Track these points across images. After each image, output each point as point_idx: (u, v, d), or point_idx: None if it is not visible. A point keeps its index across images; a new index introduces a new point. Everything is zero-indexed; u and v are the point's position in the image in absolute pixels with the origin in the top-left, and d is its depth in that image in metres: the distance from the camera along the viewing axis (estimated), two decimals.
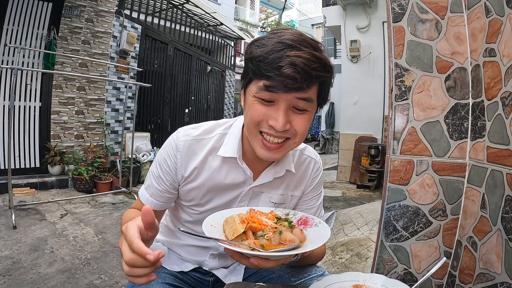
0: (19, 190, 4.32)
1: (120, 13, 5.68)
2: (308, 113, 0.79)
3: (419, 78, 1.23)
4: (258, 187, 0.95)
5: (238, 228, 0.72)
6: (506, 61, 1.00)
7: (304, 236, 0.77)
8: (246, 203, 0.95)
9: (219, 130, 0.94)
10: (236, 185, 0.93)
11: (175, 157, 0.90)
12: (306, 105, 0.77)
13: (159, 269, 1.02)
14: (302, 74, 0.70)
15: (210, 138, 0.92)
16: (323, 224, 0.80)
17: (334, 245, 3.26)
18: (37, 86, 4.96)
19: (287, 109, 0.77)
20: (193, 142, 0.91)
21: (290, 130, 0.79)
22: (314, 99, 0.78)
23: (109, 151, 5.59)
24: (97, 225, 3.52)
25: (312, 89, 0.76)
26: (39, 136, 5.03)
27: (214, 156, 0.91)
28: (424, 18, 1.25)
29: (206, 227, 0.73)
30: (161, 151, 0.94)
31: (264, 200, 0.97)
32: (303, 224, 0.83)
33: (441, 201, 1.20)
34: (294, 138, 0.81)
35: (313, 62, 0.71)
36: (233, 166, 0.92)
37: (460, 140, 1.19)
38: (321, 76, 0.74)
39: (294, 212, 0.88)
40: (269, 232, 0.74)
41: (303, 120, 0.79)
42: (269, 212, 0.84)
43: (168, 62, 7.25)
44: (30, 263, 2.54)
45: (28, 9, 4.79)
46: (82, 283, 2.31)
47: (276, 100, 0.76)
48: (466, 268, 1.11)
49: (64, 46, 5.01)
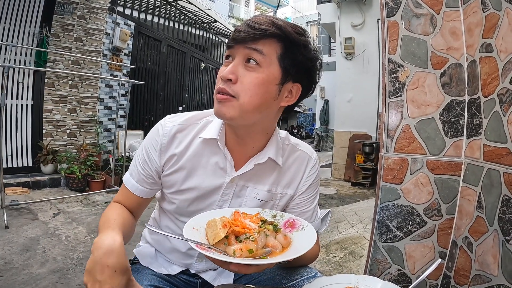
0: (11, 190, 4.25)
1: (113, 10, 5.61)
2: (260, 71, 0.79)
3: (413, 74, 1.20)
4: (242, 180, 0.91)
5: (219, 233, 0.69)
6: (503, 56, 0.97)
7: (289, 241, 0.75)
8: (230, 197, 0.92)
9: (206, 117, 0.93)
10: (216, 172, 0.91)
11: (160, 142, 0.90)
12: (260, 57, 0.79)
13: (146, 270, 1.00)
14: (251, 26, 0.79)
15: (196, 124, 0.92)
16: (310, 228, 0.78)
17: (328, 243, 3.23)
18: (29, 84, 4.89)
19: (240, 63, 0.80)
20: (179, 127, 0.91)
21: (235, 86, 0.79)
22: (269, 54, 0.79)
23: (102, 149, 5.53)
24: (89, 224, 3.48)
25: (267, 44, 0.79)
26: (31, 135, 4.97)
27: (197, 139, 0.91)
28: (419, 12, 1.22)
29: (187, 230, 0.71)
30: (147, 136, 0.94)
31: (249, 196, 0.93)
32: (290, 227, 0.80)
33: (436, 201, 1.18)
34: (238, 98, 0.79)
35: (263, 20, 0.79)
36: (214, 151, 0.90)
37: (455, 138, 1.17)
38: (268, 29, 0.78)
39: (281, 214, 0.85)
40: (254, 233, 0.71)
41: (251, 77, 0.79)
42: (254, 215, 0.81)
43: (162, 60, 7.19)
44: (22, 263, 2.50)
45: (20, 6, 4.71)
46: (74, 283, 2.28)
47: (233, 55, 0.82)
48: (461, 269, 1.09)
49: (56, 44, 4.93)
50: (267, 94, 0.80)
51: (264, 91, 0.79)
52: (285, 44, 0.80)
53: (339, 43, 7.07)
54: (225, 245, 0.69)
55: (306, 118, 24.09)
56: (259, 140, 0.91)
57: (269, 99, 0.81)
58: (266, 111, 0.83)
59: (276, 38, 0.79)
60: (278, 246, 0.71)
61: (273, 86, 0.80)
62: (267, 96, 0.80)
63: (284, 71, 0.81)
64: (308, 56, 0.83)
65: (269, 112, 0.84)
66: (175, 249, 1.00)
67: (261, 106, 0.81)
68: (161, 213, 1.02)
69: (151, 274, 0.99)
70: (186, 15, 8.54)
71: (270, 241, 0.72)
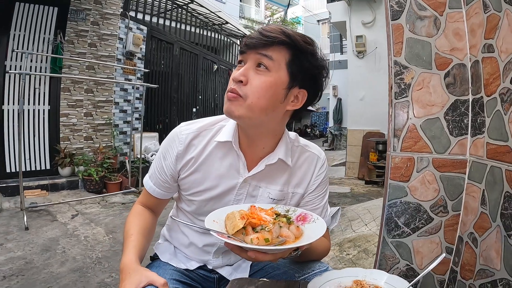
0: (30, 192, 4.38)
1: (126, 15, 5.72)
2: (269, 75, 0.85)
3: (418, 75, 1.23)
4: (255, 180, 0.97)
5: (238, 224, 0.75)
6: (504, 57, 1.00)
7: (301, 232, 0.80)
8: (244, 196, 0.98)
9: (219, 122, 1.00)
10: (230, 173, 0.96)
11: (176, 149, 0.96)
12: (269, 63, 0.85)
13: (167, 266, 1.06)
14: (262, 34, 0.85)
15: (211, 129, 0.99)
16: (320, 221, 0.83)
17: (341, 241, 3.26)
18: (46, 89, 5.03)
19: (251, 67, 0.86)
20: (194, 135, 0.97)
21: (245, 88, 0.85)
22: (278, 60, 0.86)
23: (118, 151, 5.65)
24: (107, 225, 3.58)
25: (276, 51, 0.85)
26: (48, 139, 5.10)
27: (212, 143, 0.97)
28: (423, 15, 1.25)
29: (208, 222, 0.78)
30: (164, 143, 1.01)
31: (262, 195, 0.99)
32: (302, 220, 0.85)
33: (442, 198, 1.21)
34: (246, 99, 0.85)
35: (273, 29, 0.86)
36: (228, 152, 0.96)
37: (460, 136, 1.20)
38: (278, 37, 0.84)
39: (294, 209, 0.91)
40: (269, 225, 0.77)
41: (260, 80, 0.85)
42: (269, 209, 0.87)
43: (175, 62, 7.29)
44: (43, 263, 2.59)
45: (34, 14, 4.84)
46: (94, 281, 2.36)
47: (245, 60, 0.88)
48: (467, 264, 1.12)
49: (70, 50, 5.06)
50: (274, 97, 0.86)
51: (271, 94, 0.85)
52: (293, 51, 0.86)
53: (350, 42, 7.06)
54: (243, 235, 0.75)
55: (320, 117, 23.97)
56: (268, 141, 0.96)
57: (275, 102, 0.87)
58: (272, 113, 0.88)
59: (285, 45, 0.85)
60: (291, 236, 0.77)
61: (280, 90, 0.86)
62: (274, 99, 0.86)
63: (291, 76, 0.86)
64: (315, 64, 0.89)
65: (275, 114, 0.90)
66: (192, 245, 1.06)
67: (268, 108, 0.86)
68: (179, 213, 1.09)
69: (171, 269, 1.05)
70: (197, 18, 8.62)
71: (284, 231, 0.77)
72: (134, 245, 0.91)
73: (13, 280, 2.29)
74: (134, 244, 0.91)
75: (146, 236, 0.98)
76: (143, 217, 1.02)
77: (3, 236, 3.08)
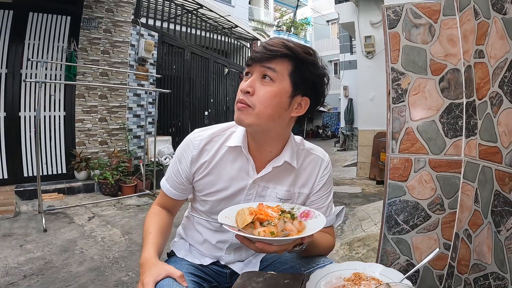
0: (47, 196, 4.52)
1: (137, 22, 5.85)
2: (273, 85, 0.94)
3: (414, 81, 1.30)
4: (264, 181, 1.06)
5: (247, 218, 0.84)
6: (493, 62, 1.06)
7: (303, 226, 0.89)
8: (253, 196, 1.07)
9: (230, 129, 1.09)
10: (240, 175, 1.05)
11: (191, 153, 1.06)
12: (273, 74, 0.93)
13: (183, 261, 1.15)
14: (266, 48, 0.93)
15: (222, 135, 1.08)
16: (321, 216, 0.92)
17: (351, 240, 3.32)
18: (61, 96, 5.20)
19: (257, 78, 0.95)
20: (207, 140, 1.07)
21: (252, 98, 0.94)
22: (281, 71, 0.94)
23: (133, 155, 5.77)
24: (123, 226, 3.68)
25: (279, 63, 0.93)
26: (64, 144, 5.27)
27: (223, 147, 1.06)
28: (418, 23, 1.31)
29: (221, 218, 0.87)
30: (179, 148, 1.11)
31: (270, 195, 1.07)
32: (305, 217, 0.94)
33: (438, 196, 1.27)
34: (254, 108, 0.94)
35: (276, 43, 0.94)
36: (238, 156, 1.05)
37: (455, 138, 1.26)
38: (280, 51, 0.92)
39: (298, 207, 0.99)
40: (275, 220, 0.86)
41: (265, 90, 0.94)
42: (275, 206, 0.95)
43: (186, 67, 7.42)
44: (62, 263, 2.69)
45: (47, 24, 5.02)
46: (111, 280, 2.46)
47: (251, 72, 0.96)
48: (462, 259, 1.18)
49: (84, 57, 5.21)
50: (279, 105, 0.94)
51: (277, 103, 0.94)
52: (295, 62, 0.94)
53: (359, 42, 7.07)
54: (252, 229, 0.84)
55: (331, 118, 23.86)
56: (275, 145, 1.05)
57: (281, 110, 0.95)
58: (278, 119, 0.97)
59: (287, 57, 0.93)
60: (294, 230, 0.85)
61: (285, 98, 0.95)
62: (279, 107, 0.95)
63: (294, 85, 0.95)
64: (316, 73, 0.97)
65: (281, 120, 0.98)
66: (206, 242, 1.15)
67: (274, 115, 0.95)
68: (194, 213, 1.18)
69: (187, 264, 1.13)
70: (207, 22, 8.74)
71: (288, 226, 0.86)
72: (153, 242, 1.00)
73: (34, 279, 2.40)
74: (153, 241, 1.00)
75: (164, 234, 1.07)
76: (161, 216, 1.11)
77: (22, 237, 3.21)
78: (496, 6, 1.04)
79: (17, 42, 4.79)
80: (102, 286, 2.37)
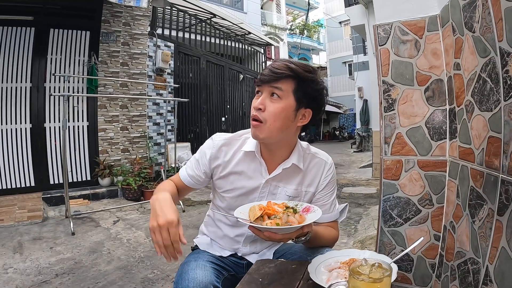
0: (73, 201, 4.78)
1: (153, 34, 6.14)
2: (281, 102, 1.13)
3: (403, 92, 1.46)
4: (275, 181, 1.25)
5: (257, 213, 1.04)
6: (466, 74, 1.22)
7: (304, 218, 1.07)
8: (266, 194, 1.26)
9: (244, 135, 1.30)
10: (255, 175, 1.25)
11: (210, 151, 1.27)
12: (280, 92, 1.12)
13: (205, 253, 1.33)
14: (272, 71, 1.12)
15: (238, 140, 1.29)
16: (318, 210, 1.10)
17: (363, 238, 3.46)
18: (84, 107, 5.52)
19: (267, 96, 1.14)
20: (224, 142, 1.28)
21: (263, 114, 1.13)
22: (286, 90, 1.12)
23: (153, 162, 6.04)
24: (147, 229, 3.85)
25: (284, 83, 1.12)
26: (88, 152, 5.58)
27: (239, 152, 1.27)
28: (405, 39, 1.48)
29: (237, 213, 1.08)
30: (202, 146, 1.32)
31: (281, 193, 1.26)
32: (306, 211, 1.12)
33: (427, 193, 1.43)
34: (265, 123, 1.13)
35: (280, 65, 1.12)
36: (252, 159, 1.26)
37: (440, 141, 1.42)
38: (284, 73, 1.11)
39: (301, 204, 1.17)
40: (279, 214, 1.05)
41: (274, 107, 1.12)
42: (281, 203, 1.14)
43: (202, 75, 7.68)
44: (91, 262, 2.92)
45: (68, 39, 5.35)
46: (138, 277, 2.68)
47: (261, 91, 1.15)
48: (449, 248, 1.33)
49: (104, 70, 5.51)
50: (286, 118, 1.15)
51: (284, 116, 1.14)
52: (298, 81, 1.14)
53: (370, 44, 7.17)
54: (261, 221, 1.03)
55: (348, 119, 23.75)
56: (284, 151, 1.25)
57: (288, 122, 1.16)
58: (286, 130, 1.18)
59: (291, 77, 1.13)
60: (295, 221, 1.03)
61: (291, 112, 1.15)
62: (286, 120, 1.15)
63: (298, 100, 1.15)
64: (315, 88, 1.17)
65: (289, 131, 1.19)
66: (226, 236, 1.35)
67: (282, 127, 1.16)
68: (214, 209, 1.38)
69: (208, 254, 1.32)
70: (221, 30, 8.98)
71: (291, 218, 1.04)
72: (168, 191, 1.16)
73: (65, 277, 2.62)
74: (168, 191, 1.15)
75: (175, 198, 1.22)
76: (173, 186, 1.29)
77: (52, 240, 3.46)
78: (467, 25, 1.20)
79: (39, 57, 5.11)
80: (129, 282, 2.58)
